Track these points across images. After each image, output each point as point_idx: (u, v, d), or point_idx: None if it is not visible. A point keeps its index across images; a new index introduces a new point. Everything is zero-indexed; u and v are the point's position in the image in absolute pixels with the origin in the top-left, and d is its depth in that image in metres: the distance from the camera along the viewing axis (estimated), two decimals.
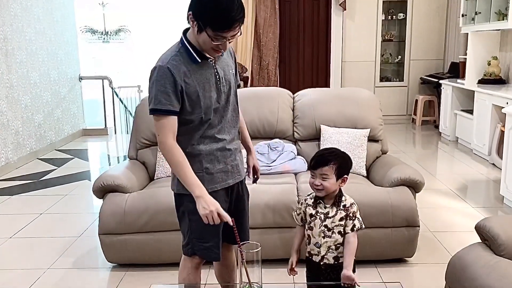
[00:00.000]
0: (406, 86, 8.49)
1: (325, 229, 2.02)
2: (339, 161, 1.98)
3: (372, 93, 3.88)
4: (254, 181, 2.32)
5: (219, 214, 1.87)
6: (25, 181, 5.32)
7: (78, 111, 7.74)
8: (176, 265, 2.14)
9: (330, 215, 2.01)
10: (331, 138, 3.52)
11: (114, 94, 8.00)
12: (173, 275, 2.04)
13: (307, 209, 2.08)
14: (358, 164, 3.48)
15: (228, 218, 1.86)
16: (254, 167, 2.29)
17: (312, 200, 2.07)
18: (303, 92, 3.90)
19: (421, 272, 3.09)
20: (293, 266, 2.15)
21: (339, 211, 2.01)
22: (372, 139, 3.61)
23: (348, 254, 1.99)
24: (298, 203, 2.17)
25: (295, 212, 2.17)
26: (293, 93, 3.92)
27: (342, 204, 2.01)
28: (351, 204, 2.03)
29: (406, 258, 3.19)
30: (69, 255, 3.41)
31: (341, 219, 2.01)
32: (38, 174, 5.59)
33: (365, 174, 3.51)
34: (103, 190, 3.16)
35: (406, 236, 3.05)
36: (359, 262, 2.11)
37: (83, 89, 7.99)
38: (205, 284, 2.36)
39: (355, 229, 2.01)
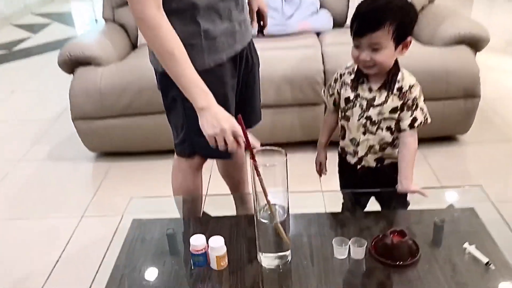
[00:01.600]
0: None
1: (368, 122, 1.34)
2: (399, 16, 1.20)
3: None
4: (260, 30, 1.62)
5: (235, 136, 1.19)
6: None
7: None
8: (172, 152, 1.55)
9: (376, 102, 1.32)
10: None
11: None
12: (169, 165, 1.55)
13: (342, 89, 1.38)
14: None
15: (253, 142, 1.15)
16: (258, 10, 1.58)
17: (352, 76, 1.36)
18: None
19: (477, 152, 2.48)
20: (322, 167, 1.56)
21: (391, 97, 1.30)
22: None
23: (405, 162, 1.33)
24: (330, 82, 1.46)
25: (326, 92, 1.47)
26: None
27: (396, 86, 1.30)
28: (412, 86, 1.30)
29: (458, 136, 2.57)
30: (45, 143, 2.83)
31: (393, 110, 1.31)
32: (11, 43, 4.83)
33: None
34: (71, 64, 2.45)
35: (462, 110, 2.39)
36: None
37: None
38: (206, 195, 1.78)
39: (415, 124, 1.31)
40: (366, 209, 1.52)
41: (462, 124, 2.46)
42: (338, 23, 2.81)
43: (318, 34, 2.74)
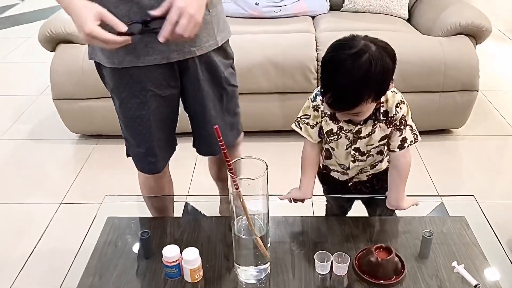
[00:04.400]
0: None
1: (357, 153, 1.23)
2: (377, 85, 1.05)
3: None
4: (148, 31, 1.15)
5: (95, 37, 1.03)
6: None
7: None
8: None
9: (363, 133, 1.18)
10: None
11: None
12: None
13: (323, 121, 1.21)
14: (399, 3, 2.57)
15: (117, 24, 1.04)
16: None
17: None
18: None
19: (471, 147, 2.42)
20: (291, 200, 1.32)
21: (378, 125, 1.16)
22: None
23: (395, 184, 1.22)
24: (301, 113, 1.24)
25: (302, 124, 1.24)
26: None
27: (382, 110, 1.14)
28: (397, 104, 1.14)
29: (452, 129, 2.50)
30: (26, 121, 2.73)
31: (383, 138, 1.19)
32: None
33: (407, 17, 2.61)
34: (52, 41, 2.33)
35: (458, 103, 2.32)
36: None
37: None
38: (187, 195, 1.70)
39: (405, 145, 1.18)
40: (351, 214, 1.46)
41: (457, 117, 2.38)
42: (334, 6, 2.69)
43: (313, 17, 2.62)
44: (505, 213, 1.93)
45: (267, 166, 0.99)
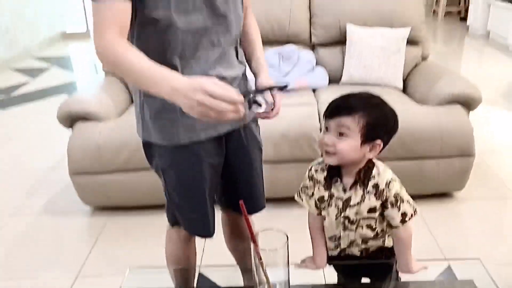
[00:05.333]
0: None
1: (346, 221, 1.28)
2: (373, 114, 1.16)
3: None
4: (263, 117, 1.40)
5: (217, 97, 0.99)
6: None
7: (55, 11, 6.76)
8: None
9: (353, 202, 1.23)
10: (360, 41, 2.74)
11: None
12: (166, 220, 1.55)
13: (315, 188, 1.29)
14: (394, 75, 2.74)
15: (232, 95, 1.00)
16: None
17: (324, 173, 1.26)
18: None
19: (472, 209, 2.50)
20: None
21: (367, 196, 1.22)
22: (411, 40, 2.84)
23: (402, 253, 1.29)
24: (302, 183, 1.32)
25: (303, 194, 1.32)
26: None
27: (372, 182, 1.21)
28: (389, 182, 1.21)
29: (453, 193, 2.59)
30: (40, 195, 2.81)
31: (371, 210, 1.23)
32: (10, 88, 4.86)
33: (402, 88, 2.78)
34: (70, 119, 2.47)
35: (456, 168, 2.42)
36: None
37: None
38: (199, 266, 1.77)
39: (406, 219, 1.22)
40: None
41: (457, 181, 2.48)
42: (333, 80, 2.87)
43: (314, 91, 2.79)
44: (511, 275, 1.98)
45: (287, 238, 1.07)
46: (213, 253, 1.90)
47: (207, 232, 1.49)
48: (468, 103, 2.44)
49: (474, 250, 2.16)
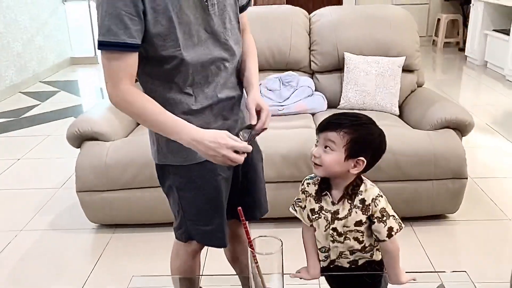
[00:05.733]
0: (427, 4, 7.62)
1: (335, 233, 1.37)
2: (358, 133, 1.26)
3: (406, 11, 3.16)
4: (254, 134, 1.41)
5: (236, 151, 1.26)
6: (5, 119, 4.74)
7: (64, 38, 6.98)
8: (171, 224, 1.63)
9: (340, 215, 1.33)
10: (357, 68, 2.87)
11: None
12: (169, 237, 1.61)
13: (307, 201, 1.39)
14: (390, 101, 2.86)
15: (247, 147, 1.27)
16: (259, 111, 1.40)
17: (316, 187, 1.37)
18: (321, 11, 3.18)
19: (466, 231, 2.57)
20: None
21: (354, 210, 1.32)
22: (406, 69, 2.96)
23: (391, 265, 1.37)
24: (297, 196, 1.43)
25: (297, 207, 1.43)
26: (309, 13, 3.20)
27: (359, 198, 1.31)
28: (375, 198, 1.30)
29: (448, 214, 2.67)
30: (47, 213, 2.90)
31: (358, 223, 1.32)
32: (19, 111, 5.00)
33: (398, 113, 2.90)
34: (79, 138, 2.58)
35: (450, 190, 2.50)
36: None
37: (67, 13, 7.16)
38: (201, 275, 1.84)
39: (393, 233, 1.31)
40: None
41: (451, 203, 2.56)
42: (332, 105, 2.99)
43: (313, 114, 2.91)
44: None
45: (282, 243, 1.16)
46: (213, 268, 1.98)
47: (223, 243, 1.56)
48: (460, 128, 2.55)
49: (466, 268, 2.21)
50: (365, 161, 1.28)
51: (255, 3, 7.13)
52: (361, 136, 1.27)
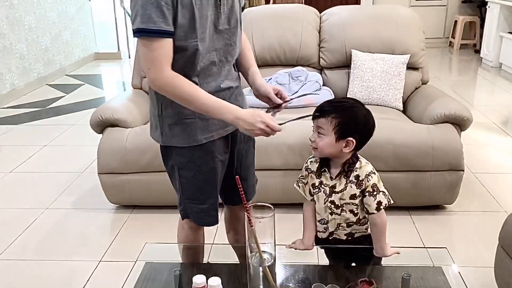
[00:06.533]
0: (445, 6, 7.67)
1: (332, 206, 1.55)
2: (344, 116, 1.44)
3: (412, 11, 3.30)
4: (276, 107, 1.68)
5: (269, 126, 1.45)
6: (32, 109, 5.02)
7: (89, 33, 7.26)
8: None
9: (337, 189, 1.52)
10: (364, 65, 3.02)
11: (126, 14, 7.45)
12: None
13: (309, 177, 1.59)
14: (394, 97, 3.00)
15: (277, 127, 1.48)
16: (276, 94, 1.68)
17: (317, 165, 1.57)
18: (331, 10, 3.34)
19: (461, 221, 2.71)
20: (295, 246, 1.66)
21: (349, 185, 1.50)
22: (411, 66, 3.10)
23: (377, 238, 1.54)
24: (300, 174, 1.63)
25: (300, 183, 1.62)
26: (320, 12, 3.37)
27: (354, 174, 1.49)
28: (368, 174, 1.48)
29: (445, 205, 2.80)
30: (70, 194, 3.13)
31: (352, 197, 1.51)
32: (46, 101, 5.28)
33: (401, 108, 3.04)
34: (101, 124, 2.80)
35: (447, 181, 2.64)
36: (391, 208, 1.60)
37: (93, 10, 7.44)
38: (212, 244, 2.03)
39: (381, 207, 1.49)
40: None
41: (448, 194, 2.69)
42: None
43: None
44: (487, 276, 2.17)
45: (273, 209, 1.33)
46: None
47: (214, 220, 1.74)
48: (459, 123, 2.68)
49: (460, 255, 2.35)
50: (354, 141, 1.46)
51: (274, 2, 7.30)
52: (346, 119, 1.45)
